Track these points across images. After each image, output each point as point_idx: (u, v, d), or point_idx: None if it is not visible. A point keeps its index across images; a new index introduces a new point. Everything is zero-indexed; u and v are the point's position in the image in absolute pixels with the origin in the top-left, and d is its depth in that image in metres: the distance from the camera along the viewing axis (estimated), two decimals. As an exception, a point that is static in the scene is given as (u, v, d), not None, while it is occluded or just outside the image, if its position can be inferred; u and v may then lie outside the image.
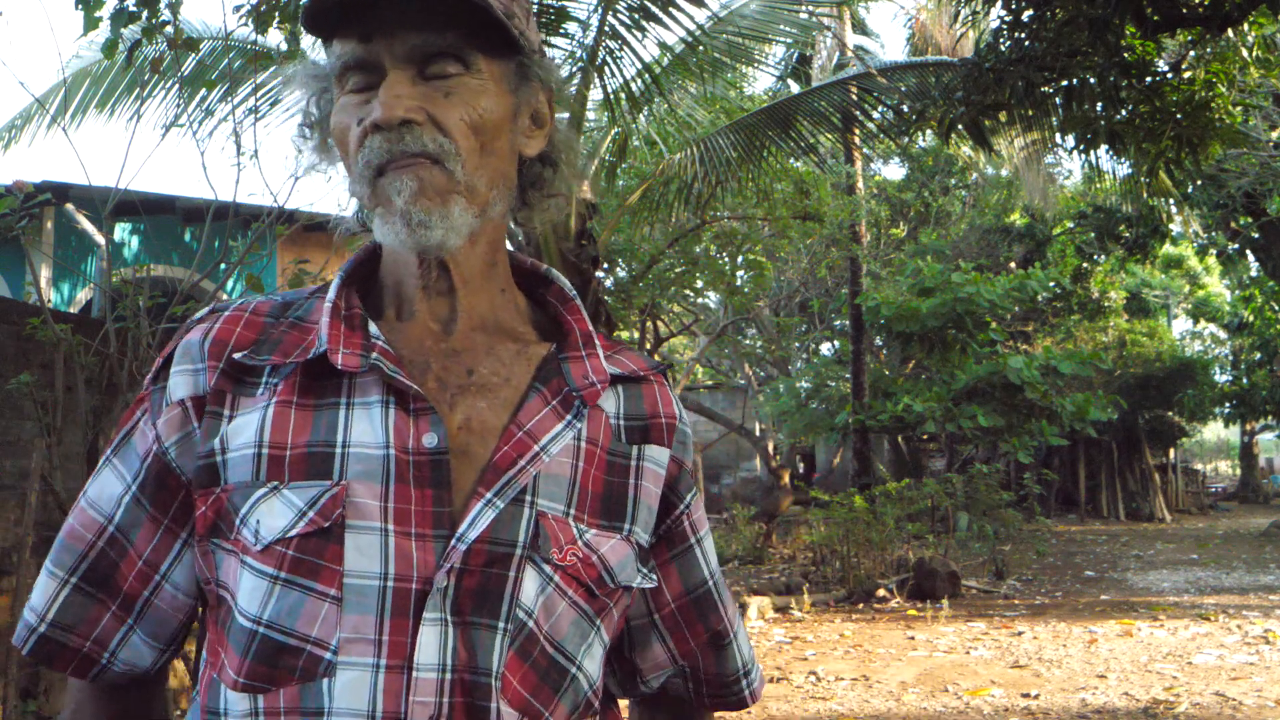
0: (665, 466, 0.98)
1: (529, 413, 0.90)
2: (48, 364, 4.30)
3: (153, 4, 3.84)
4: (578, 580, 0.88)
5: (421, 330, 0.93)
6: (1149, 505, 21.01)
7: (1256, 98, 6.54)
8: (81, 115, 7.66)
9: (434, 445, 0.85)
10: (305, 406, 0.87)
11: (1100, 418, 14.46)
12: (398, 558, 0.82)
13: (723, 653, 1.04)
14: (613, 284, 12.34)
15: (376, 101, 0.86)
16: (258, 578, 0.83)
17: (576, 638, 0.89)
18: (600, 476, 0.93)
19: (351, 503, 0.83)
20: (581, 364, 0.95)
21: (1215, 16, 5.08)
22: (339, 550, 0.82)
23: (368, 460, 0.85)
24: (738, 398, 20.35)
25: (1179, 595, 9.81)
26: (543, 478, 0.88)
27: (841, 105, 7.47)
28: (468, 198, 0.89)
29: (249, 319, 0.93)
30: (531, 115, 0.96)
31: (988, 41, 5.86)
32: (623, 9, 6.07)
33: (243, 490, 0.85)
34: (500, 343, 0.94)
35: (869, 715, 5.53)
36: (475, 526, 0.84)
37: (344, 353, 0.88)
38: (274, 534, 0.83)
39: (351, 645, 0.81)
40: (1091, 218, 17.07)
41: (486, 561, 0.84)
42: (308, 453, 0.85)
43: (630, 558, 0.93)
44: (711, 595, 1.03)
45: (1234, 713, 5.40)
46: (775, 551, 13.32)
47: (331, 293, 0.93)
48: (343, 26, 0.89)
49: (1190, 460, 33.78)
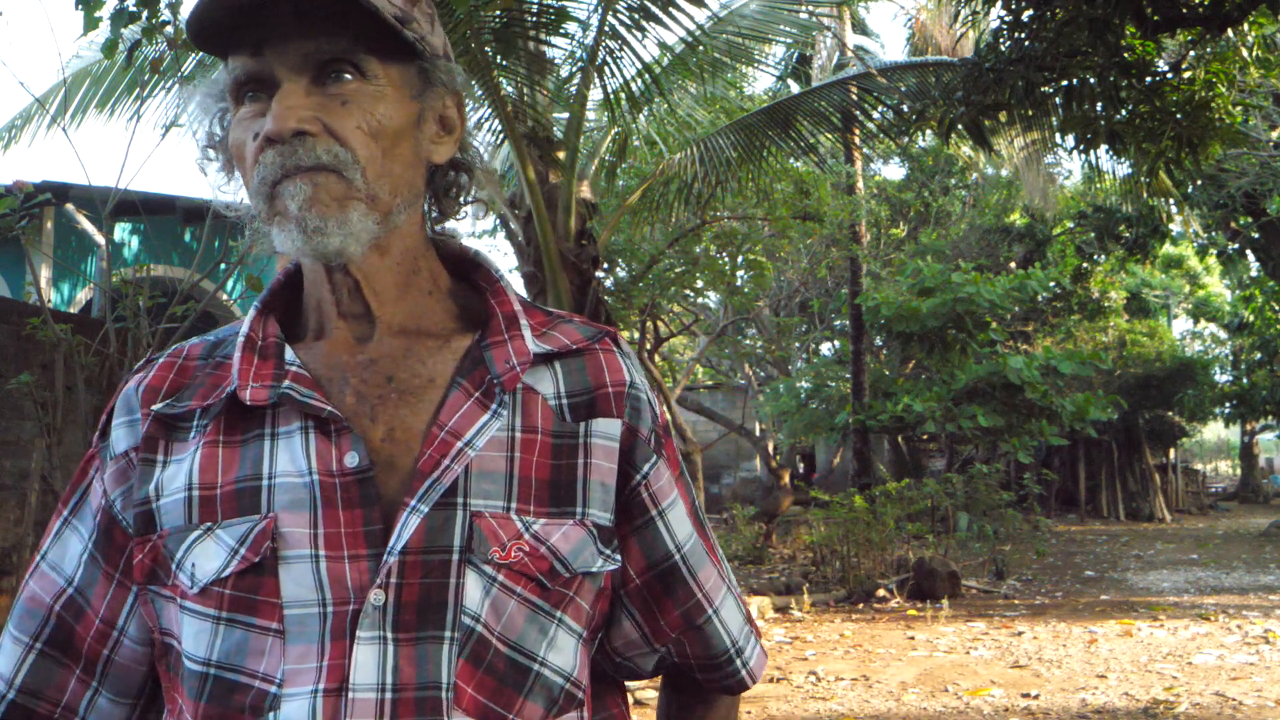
0: (618, 438, 0.93)
1: (450, 410, 0.87)
2: (48, 364, 4.30)
3: (153, 4, 3.84)
4: (526, 575, 0.85)
5: (339, 345, 0.91)
6: (1149, 505, 21.02)
7: (1256, 98, 6.54)
8: (81, 115, 7.66)
9: (356, 464, 0.84)
10: (232, 444, 0.87)
11: (1100, 418, 14.47)
12: (332, 582, 0.81)
13: (702, 631, 0.99)
14: (613, 284, 12.34)
15: (269, 114, 0.85)
16: (200, 620, 0.83)
17: (534, 634, 0.86)
18: (545, 463, 0.89)
19: (281, 533, 0.83)
20: (504, 348, 0.91)
21: (1215, 16, 5.08)
22: (275, 583, 0.82)
23: (293, 489, 0.84)
24: (738, 398, 20.35)
25: (1179, 595, 9.81)
26: (475, 475, 0.86)
27: (841, 105, 7.48)
28: (368, 205, 0.86)
29: (181, 365, 0.94)
30: (439, 120, 0.94)
31: (988, 41, 5.86)
32: (623, 9, 6.07)
33: (177, 535, 0.85)
34: (418, 343, 0.92)
35: (869, 715, 5.53)
36: (402, 537, 0.82)
37: (252, 387, 0.87)
38: (209, 575, 0.83)
39: (295, 675, 0.80)
40: (1091, 218, 17.07)
41: (423, 572, 0.82)
42: (236, 489, 0.85)
43: (586, 542, 0.89)
44: (679, 570, 0.97)
45: (1234, 713, 5.40)
46: (775, 551, 13.32)
47: (245, 326, 0.92)
48: (234, 41, 0.87)
49: (1190, 460, 33.80)
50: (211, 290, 4.64)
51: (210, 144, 0.94)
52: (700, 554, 1.00)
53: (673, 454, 0.99)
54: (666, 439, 0.99)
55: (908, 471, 16.16)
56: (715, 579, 1.01)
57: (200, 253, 4.83)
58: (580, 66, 6.49)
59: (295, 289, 0.97)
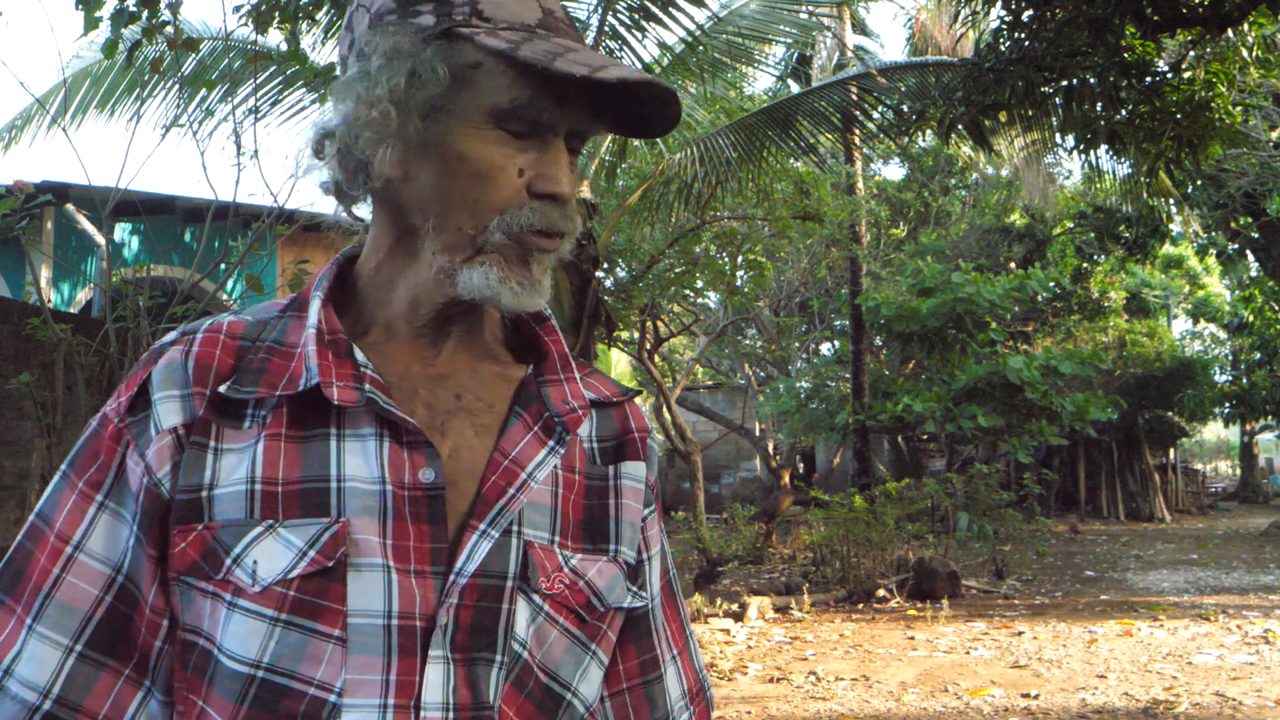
0: (644, 480, 0.98)
1: (512, 439, 0.88)
2: (48, 364, 4.30)
3: (153, 4, 3.84)
4: (566, 607, 0.87)
5: (408, 353, 0.90)
6: (1149, 505, 21.02)
7: (1256, 98, 6.54)
8: (81, 115, 7.67)
9: (431, 480, 0.84)
10: (295, 439, 0.84)
11: (1100, 418, 14.47)
12: (401, 595, 0.81)
13: (650, 688, 1.00)
14: (613, 284, 12.34)
15: (552, 169, 0.86)
16: (254, 620, 0.80)
17: (570, 664, 0.88)
18: (580, 502, 0.92)
19: (352, 540, 0.81)
20: (561, 388, 0.93)
21: (1215, 16, 5.08)
22: (342, 590, 0.80)
23: (364, 496, 0.82)
24: (738, 398, 20.35)
25: (1179, 595, 9.81)
26: (527, 506, 0.87)
27: (841, 105, 7.48)
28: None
29: (225, 341, 0.87)
30: None
31: (988, 41, 5.86)
32: (623, 9, 6.07)
33: (233, 529, 0.81)
34: (482, 364, 0.93)
35: (869, 715, 5.53)
36: (472, 560, 0.83)
37: (338, 386, 0.84)
38: (274, 575, 0.80)
39: (357, 686, 0.79)
40: (1091, 218, 17.08)
41: (480, 595, 0.83)
42: (301, 489, 0.82)
43: (618, 578, 0.92)
44: (647, 620, 1.00)
45: (1234, 713, 5.40)
46: (775, 551, 13.33)
47: (313, 317, 0.88)
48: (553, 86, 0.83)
49: (1190, 460, 33.81)
50: (211, 290, 4.64)
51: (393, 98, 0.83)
52: (661, 610, 1.02)
53: (660, 508, 1.03)
54: (659, 501, 1.04)
55: (908, 471, 16.17)
56: (668, 640, 1.02)
57: (200, 253, 4.83)
58: (580, 66, 6.48)
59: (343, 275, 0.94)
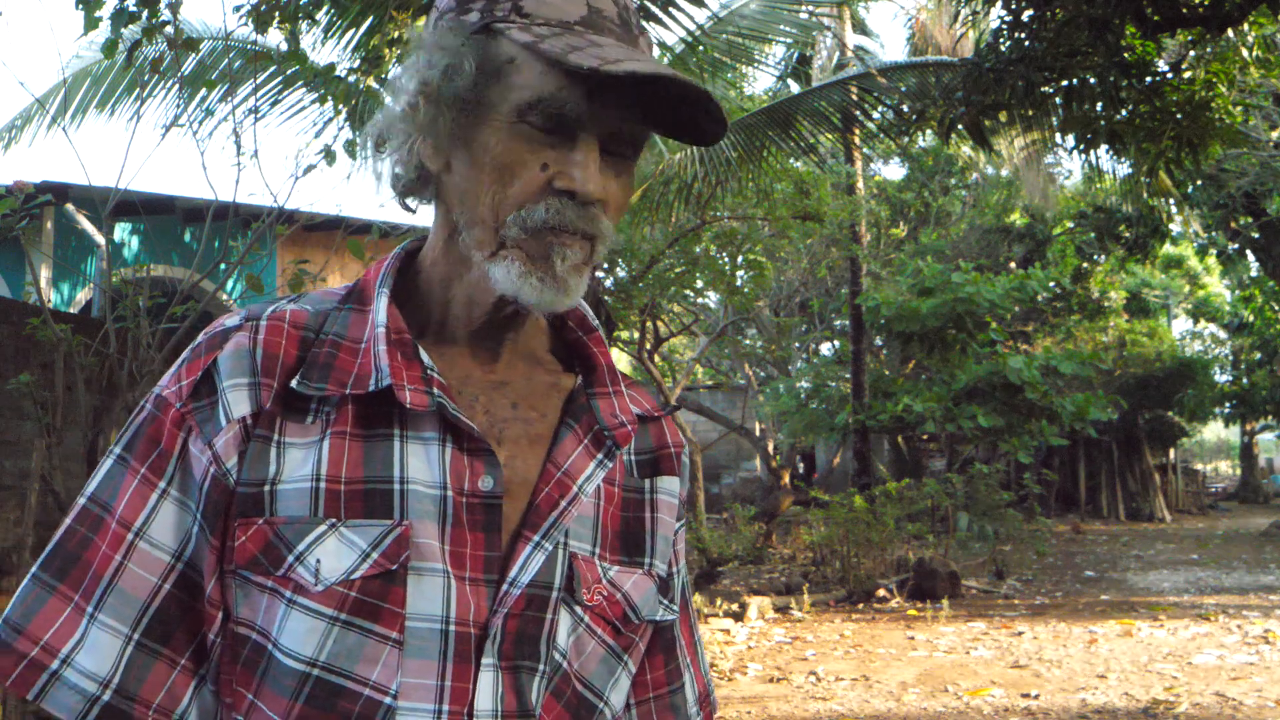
0: (678, 495, 0.99)
1: (564, 451, 0.89)
2: (48, 364, 4.30)
3: (153, 4, 3.84)
4: (604, 619, 0.89)
5: (469, 358, 0.90)
6: (1149, 505, 21.02)
7: (1256, 98, 6.54)
8: (81, 115, 7.67)
9: (489, 488, 0.84)
10: (358, 438, 0.83)
11: (1100, 418, 14.47)
12: (458, 602, 0.81)
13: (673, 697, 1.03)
14: (613, 284, 12.33)
15: (578, 168, 0.82)
16: (314, 619, 0.79)
17: (604, 674, 0.90)
18: (617, 514, 0.93)
19: (415, 544, 0.81)
20: (610, 401, 0.93)
21: (1215, 16, 5.08)
22: (401, 593, 0.80)
23: (426, 500, 0.82)
24: (738, 398, 20.35)
25: (1179, 595, 9.81)
26: (574, 518, 0.88)
27: (841, 105, 7.48)
28: (592, 269, 0.89)
29: (289, 331, 0.86)
30: None
31: (988, 41, 5.86)
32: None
33: (296, 526, 0.80)
34: (536, 373, 0.93)
35: (869, 715, 5.53)
36: (527, 570, 0.83)
37: (410, 389, 0.83)
38: (337, 575, 0.79)
39: (412, 690, 0.80)
40: (1091, 218, 17.08)
41: (527, 605, 0.84)
42: (365, 489, 0.82)
43: (652, 591, 0.93)
44: (672, 630, 1.03)
45: (1234, 713, 5.40)
46: (775, 551, 13.32)
47: (381, 315, 0.87)
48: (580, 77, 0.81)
49: (1190, 460, 33.79)
50: (211, 290, 4.64)
51: (427, 92, 0.84)
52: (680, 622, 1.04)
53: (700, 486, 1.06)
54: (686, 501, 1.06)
55: (908, 471, 16.16)
56: (684, 650, 1.05)
57: (200, 253, 4.83)
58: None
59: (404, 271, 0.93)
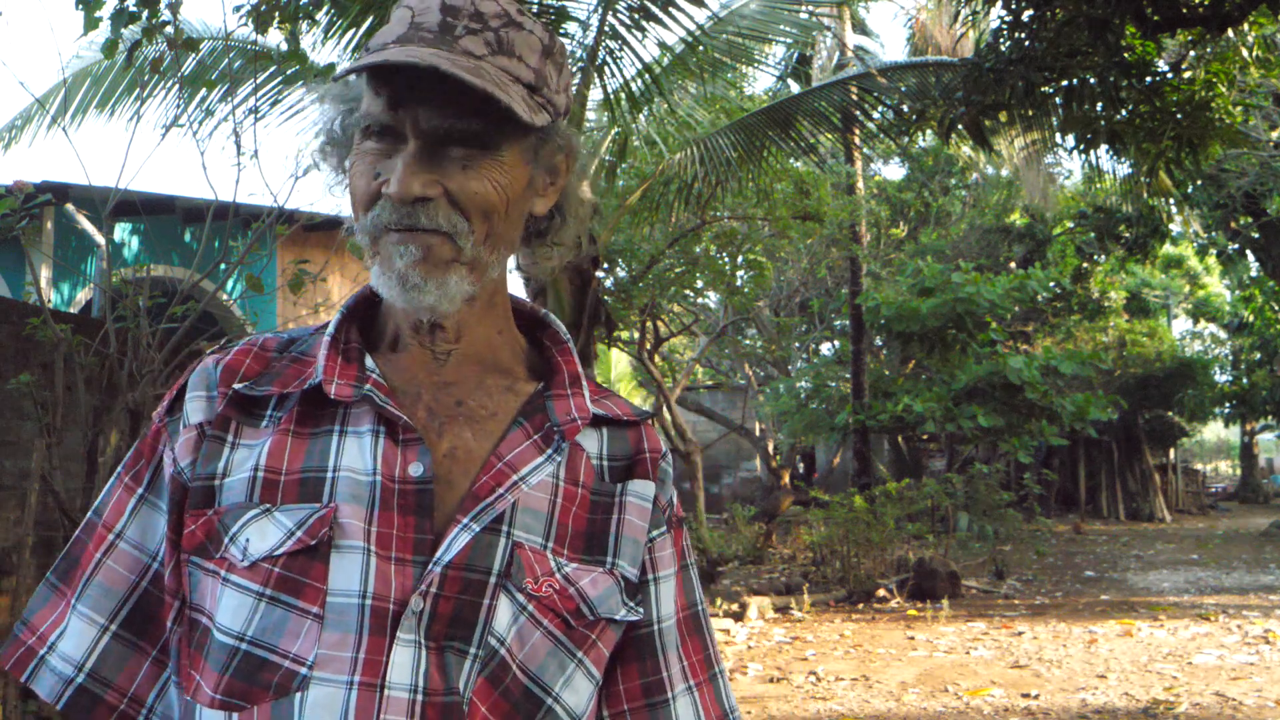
0: (651, 499, 0.99)
1: (510, 444, 0.93)
2: (48, 364, 4.30)
3: (153, 4, 3.84)
4: (553, 611, 0.89)
5: (415, 362, 0.96)
6: (1149, 505, 21.02)
7: (1256, 98, 6.54)
8: (81, 115, 7.66)
9: (419, 475, 0.88)
10: (302, 435, 0.91)
11: (1100, 418, 14.47)
12: (378, 578, 0.84)
13: (655, 712, 0.98)
14: (613, 284, 12.34)
15: (394, 172, 0.87)
16: (242, 594, 0.85)
17: (554, 668, 0.89)
18: (583, 515, 0.94)
19: (338, 523, 0.85)
20: (565, 402, 0.97)
21: (1215, 16, 5.08)
22: (323, 569, 0.84)
23: (356, 485, 0.87)
24: (738, 398, 20.35)
25: (1179, 595, 9.81)
26: (521, 510, 0.90)
27: (841, 105, 7.48)
28: (469, 268, 0.91)
29: (257, 353, 0.96)
30: (548, 171, 0.97)
31: (988, 41, 5.86)
32: (623, 9, 6.07)
33: (235, 511, 0.88)
34: (490, 377, 0.97)
35: (869, 715, 5.53)
36: (450, 550, 0.86)
37: (338, 383, 0.91)
38: (262, 551, 0.85)
39: (328, 662, 0.83)
40: (1091, 218, 17.07)
41: (461, 588, 0.85)
42: (301, 478, 0.88)
43: (612, 590, 0.93)
44: (653, 641, 0.99)
45: (1234, 713, 5.40)
46: (775, 551, 13.33)
47: (331, 327, 0.96)
48: (374, 78, 0.89)
49: (1190, 460, 33.80)
50: (211, 290, 4.63)
51: (330, 141, 0.97)
52: (676, 640, 1.00)
53: (680, 545, 1.03)
54: (679, 529, 1.03)
55: (908, 471, 16.16)
56: (683, 671, 1.00)
57: (200, 253, 4.82)
58: (580, 66, 6.49)
59: (377, 297, 0.99)
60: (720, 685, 1.04)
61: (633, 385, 23.79)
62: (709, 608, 7.48)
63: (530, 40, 0.91)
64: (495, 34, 0.89)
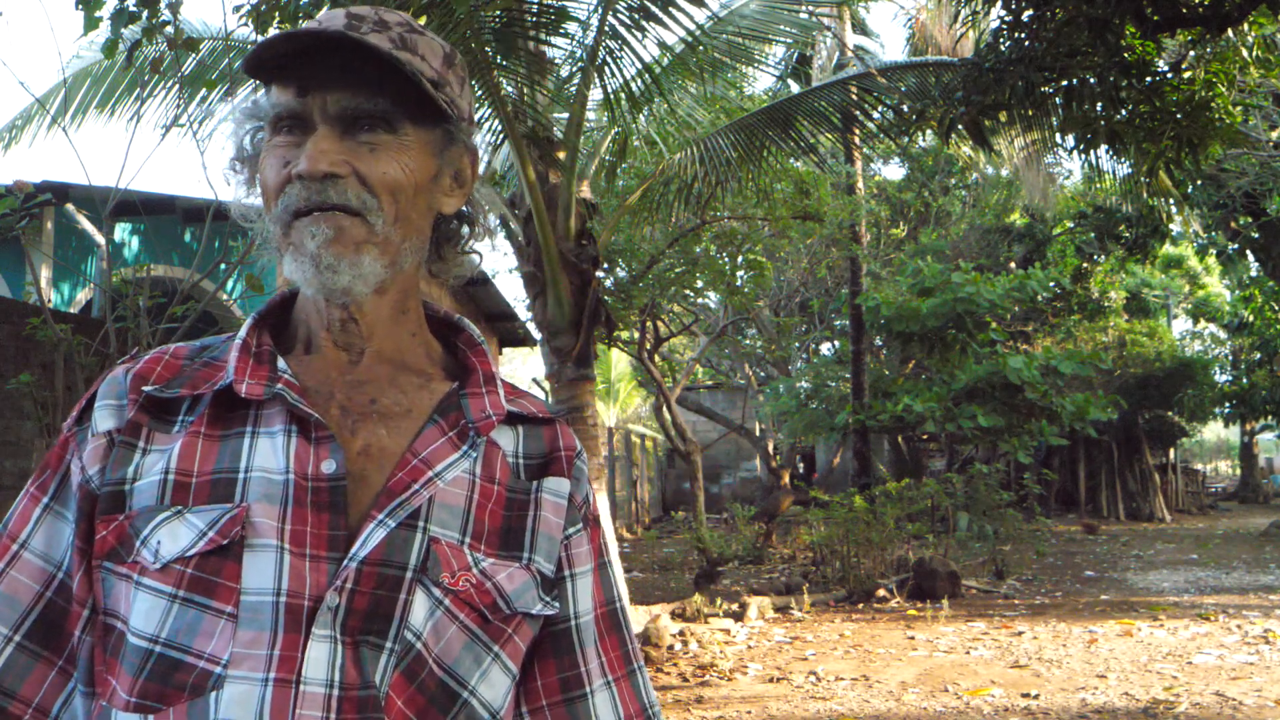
0: (566, 496, 1.01)
1: (425, 441, 0.94)
2: (48, 364, 4.30)
3: (153, 4, 3.84)
4: (470, 605, 0.89)
5: (328, 362, 0.97)
6: (1149, 505, 21.02)
7: (1256, 98, 6.55)
8: (81, 115, 7.66)
9: (332, 471, 0.89)
10: (213, 437, 0.91)
11: (1100, 418, 14.46)
12: (291, 576, 0.85)
13: (574, 708, 0.99)
14: (613, 284, 12.34)
15: (303, 152, 0.91)
16: (155, 597, 0.85)
17: (469, 662, 0.90)
18: (499, 512, 0.95)
19: (250, 523, 0.86)
20: (480, 400, 0.99)
21: (1215, 16, 5.08)
22: (236, 568, 0.85)
23: (268, 484, 0.88)
24: (738, 398, 20.35)
25: (1179, 595, 9.81)
26: (437, 505, 0.91)
27: (841, 105, 7.47)
28: (381, 249, 0.93)
29: (168, 360, 0.97)
30: (454, 175, 1.01)
31: (988, 41, 5.86)
32: (623, 9, 6.06)
33: (145, 514, 0.87)
34: (404, 376, 0.99)
35: (869, 715, 5.53)
36: (365, 546, 0.86)
37: (248, 383, 0.92)
38: (174, 553, 0.85)
39: (242, 660, 0.83)
40: (1091, 218, 17.07)
41: (377, 583, 0.86)
42: (212, 479, 0.89)
43: (529, 585, 0.94)
44: (569, 636, 0.99)
45: (1234, 713, 5.40)
46: (775, 551, 13.33)
47: (242, 332, 0.97)
48: (279, 75, 0.93)
49: (1190, 460, 33.81)
50: (211, 290, 4.64)
51: (239, 157, 1.00)
52: (594, 636, 1.01)
53: (597, 542, 1.04)
54: (595, 527, 1.05)
55: (908, 471, 16.16)
56: (601, 667, 1.01)
57: (200, 253, 4.83)
58: (580, 66, 6.49)
59: (289, 305, 1.03)
60: (639, 681, 1.05)
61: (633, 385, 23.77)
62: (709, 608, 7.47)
63: (432, 45, 0.96)
64: (399, 35, 0.94)
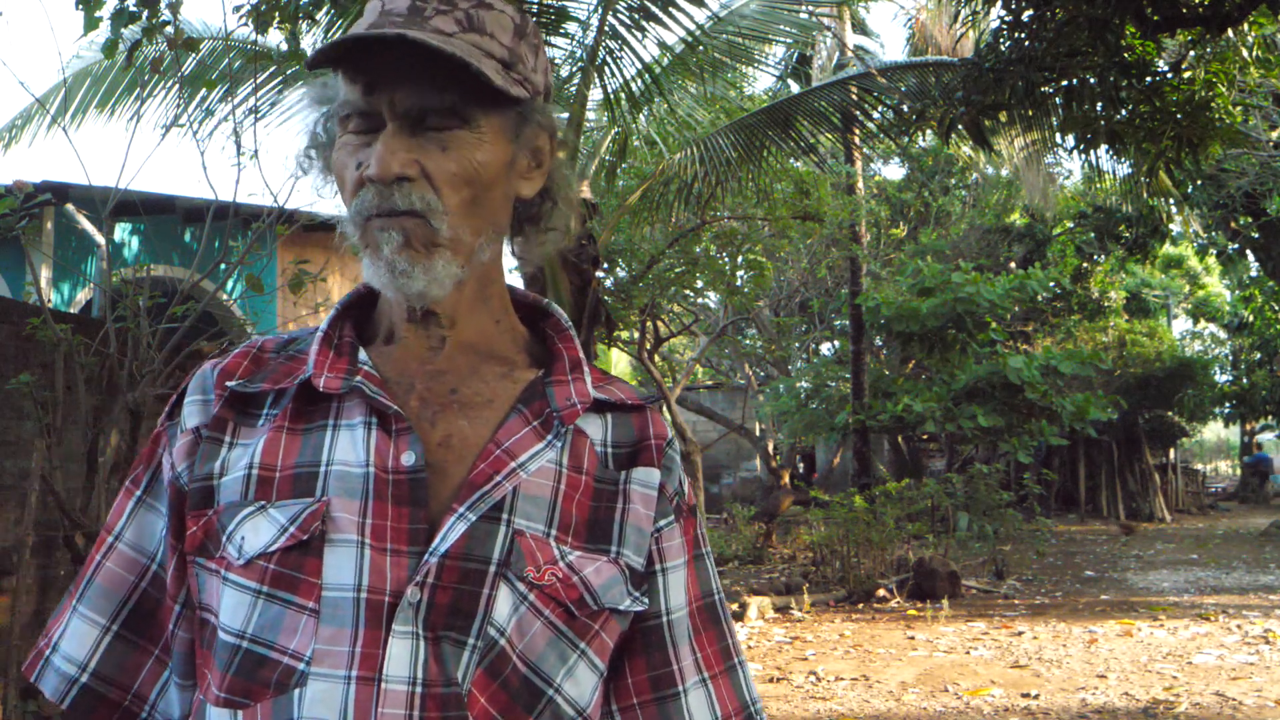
0: (656, 486, 0.97)
1: (508, 431, 0.92)
2: (48, 364, 4.30)
3: (153, 4, 3.84)
4: (556, 600, 0.88)
5: (408, 352, 0.95)
6: (1149, 505, 21.01)
7: (1256, 98, 6.54)
8: (81, 115, 7.66)
9: (411, 464, 0.87)
10: (296, 431, 0.91)
11: (1100, 418, 14.46)
12: (372, 571, 0.84)
13: (664, 707, 0.96)
14: (613, 284, 12.34)
15: (373, 154, 0.88)
16: (240, 592, 0.86)
17: (554, 659, 0.88)
18: (586, 503, 0.93)
19: (331, 517, 0.86)
20: (566, 387, 0.96)
21: (1215, 16, 5.08)
22: (318, 564, 0.84)
23: (348, 478, 0.87)
24: (738, 398, 20.34)
25: (1179, 595, 9.81)
26: (522, 497, 0.89)
27: (841, 105, 7.47)
28: (452, 250, 0.91)
29: (255, 354, 0.97)
30: (531, 154, 0.97)
31: (988, 41, 5.86)
32: (623, 9, 6.06)
33: (231, 510, 0.88)
34: (486, 365, 0.97)
35: (869, 715, 5.53)
36: (447, 540, 0.85)
37: (326, 376, 0.91)
38: (257, 549, 0.85)
39: (325, 657, 0.83)
40: (1091, 218, 17.07)
41: (460, 578, 0.85)
42: (295, 474, 0.89)
43: (617, 579, 0.91)
44: (661, 633, 0.97)
45: (1234, 713, 5.40)
46: (775, 551, 13.32)
47: (324, 324, 0.98)
48: (349, 68, 0.91)
49: (1190, 460, 33.80)
50: (211, 290, 4.64)
51: (313, 144, 0.98)
52: (689, 631, 0.99)
53: (691, 534, 1.01)
54: (690, 518, 1.01)
55: (908, 471, 16.15)
56: (696, 664, 0.98)
57: (200, 253, 4.83)
58: (580, 66, 6.49)
59: (374, 294, 1.01)
60: (740, 676, 1.01)
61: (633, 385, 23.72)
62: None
63: (501, 19, 0.92)
64: (465, 13, 0.90)
